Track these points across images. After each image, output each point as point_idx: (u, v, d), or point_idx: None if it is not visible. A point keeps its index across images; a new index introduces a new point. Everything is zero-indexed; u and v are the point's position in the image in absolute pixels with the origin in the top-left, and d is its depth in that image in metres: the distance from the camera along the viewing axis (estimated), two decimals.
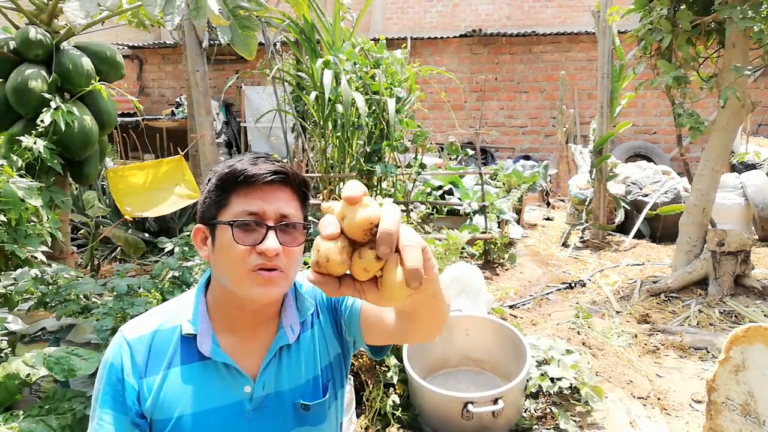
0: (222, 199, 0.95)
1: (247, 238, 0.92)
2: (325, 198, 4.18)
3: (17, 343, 1.98)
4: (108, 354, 1.00)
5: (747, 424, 1.55)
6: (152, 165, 3.48)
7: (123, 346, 0.99)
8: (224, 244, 0.94)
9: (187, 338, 0.98)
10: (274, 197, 0.94)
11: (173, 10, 1.62)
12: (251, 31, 1.77)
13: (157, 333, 0.99)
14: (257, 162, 0.95)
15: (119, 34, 10.48)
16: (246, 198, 0.93)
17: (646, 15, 3.48)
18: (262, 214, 0.93)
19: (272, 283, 0.93)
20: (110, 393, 0.97)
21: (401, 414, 2.10)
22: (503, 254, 4.49)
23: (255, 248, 0.92)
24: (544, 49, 9.40)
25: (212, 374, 0.98)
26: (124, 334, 1.00)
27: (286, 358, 1.04)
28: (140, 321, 1.02)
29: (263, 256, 0.92)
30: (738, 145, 6.49)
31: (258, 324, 1.02)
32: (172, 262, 2.23)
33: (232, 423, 0.98)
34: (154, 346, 0.98)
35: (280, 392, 1.02)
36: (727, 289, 3.34)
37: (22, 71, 2.70)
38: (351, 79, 3.87)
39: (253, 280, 0.93)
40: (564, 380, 2.19)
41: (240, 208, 0.93)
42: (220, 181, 0.95)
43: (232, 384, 0.98)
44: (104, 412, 0.97)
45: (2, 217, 2.18)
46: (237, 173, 0.93)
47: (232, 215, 0.93)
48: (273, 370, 1.02)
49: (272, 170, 0.93)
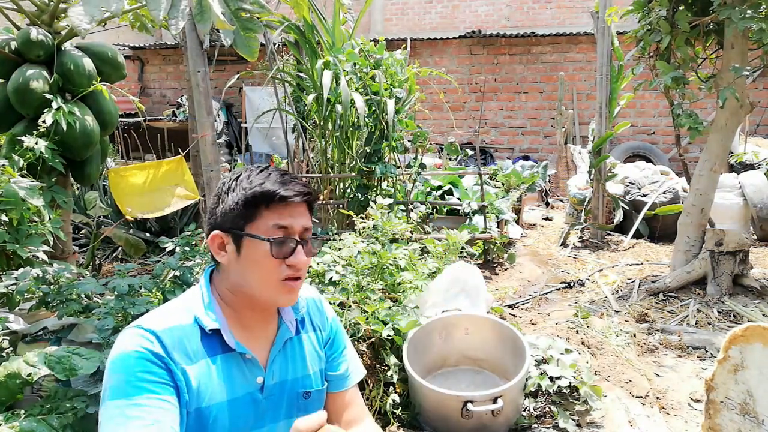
0: (251, 214, 1.04)
1: (280, 252, 1.03)
2: (324, 198, 4.19)
3: (18, 342, 1.99)
4: (126, 345, 0.96)
5: (746, 423, 1.56)
6: (153, 165, 3.49)
7: (147, 336, 0.97)
8: (256, 256, 1.03)
9: (209, 332, 1.04)
10: (299, 212, 1.07)
11: (177, 14, 1.63)
12: (253, 32, 1.78)
13: (177, 327, 1.01)
14: (286, 182, 1.06)
15: (120, 34, 10.49)
16: (277, 214, 1.04)
17: (645, 16, 3.49)
18: (291, 229, 1.05)
19: (296, 290, 1.07)
20: (142, 378, 0.93)
21: (401, 413, 2.11)
22: (502, 254, 4.50)
23: (285, 261, 1.03)
24: (543, 50, 9.41)
25: (233, 366, 1.05)
26: (145, 326, 0.99)
27: (290, 350, 1.15)
28: (157, 316, 1.03)
29: (293, 268, 1.04)
30: (736, 145, 6.50)
31: (263, 320, 1.12)
32: (173, 262, 2.24)
33: (246, 411, 1.05)
34: (178, 338, 1.00)
35: (285, 381, 1.11)
36: (726, 288, 3.35)
37: (23, 72, 2.71)
38: (351, 80, 3.88)
39: (282, 289, 1.05)
40: (563, 379, 2.20)
41: (271, 223, 1.03)
42: (251, 198, 1.04)
43: (249, 375, 1.06)
44: (140, 398, 0.91)
45: (4, 216, 2.19)
46: (271, 194, 1.03)
47: (263, 229, 1.03)
48: (280, 361, 1.12)
49: (302, 192, 1.05)
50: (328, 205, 4.21)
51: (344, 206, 3.96)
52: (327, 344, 1.22)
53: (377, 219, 2.92)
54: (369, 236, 2.86)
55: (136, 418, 0.89)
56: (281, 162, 6.90)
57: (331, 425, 0.92)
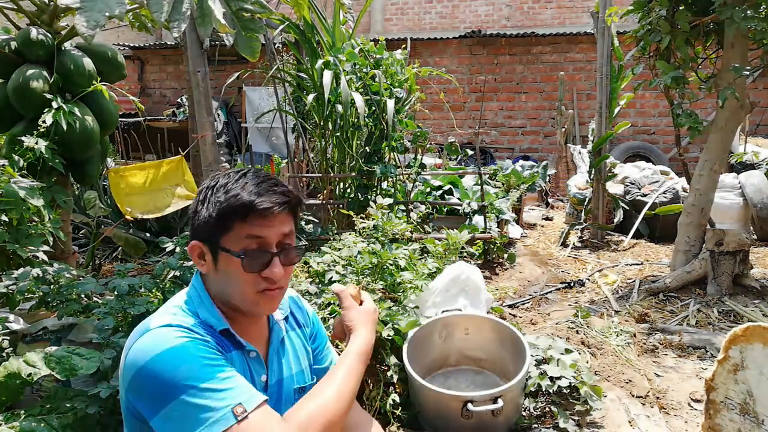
0: (225, 226, 0.99)
1: (254, 266, 0.99)
2: (324, 198, 4.20)
3: (19, 342, 1.99)
4: (170, 341, 0.92)
5: (746, 423, 1.56)
6: (153, 165, 3.49)
7: (183, 331, 0.95)
8: (231, 269, 0.99)
9: (220, 333, 1.03)
10: (277, 221, 1.00)
11: (179, 17, 1.63)
12: (254, 33, 1.78)
13: (199, 325, 1.00)
14: (262, 192, 0.98)
15: (120, 34, 10.50)
16: (250, 225, 0.98)
17: (645, 16, 3.49)
18: (266, 241, 0.99)
19: (275, 300, 1.04)
20: (212, 359, 0.91)
21: (401, 413, 2.11)
22: (502, 254, 4.50)
23: (261, 273, 0.99)
24: (543, 50, 9.41)
25: (242, 364, 1.05)
26: (177, 323, 0.96)
27: (283, 348, 1.16)
28: (177, 319, 0.99)
29: (269, 280, 1.00)
30: (736, 145, 6.50)
31: (254, 322, 1.12)
32: (173, 262, 2.24)
33: None
34: (208, 335, 0.99)
35: (282, 379, 1.12)
36: (726, 288, 3.35)
37: (23, 72, 2.71)
38: (351, 80, 3.88)
39: (260, 300, 1.02)
40: (563, 379, 2.20)
41: (244, 234, 0.98)
42: (225, 211, 0.98)
43: (254, 373, 1.07)
44: (221, 374, 0.89)
45: (4, 216, 2.19)
46: (246, 206, 0.97)
47: (236, 241, 0.98)
48: (276, 359, 1.12)
49: (279, 202, 0.99)
50: (328, 205, 4.21)
51: (344, 206, 3.96)
52: (311, 339, 1.25)
53: (377, 219, 2.92)
54: (369, 236, 2.86)
55: (230, 390, 0.88)
56: (281, 162, 6.90)
57: None
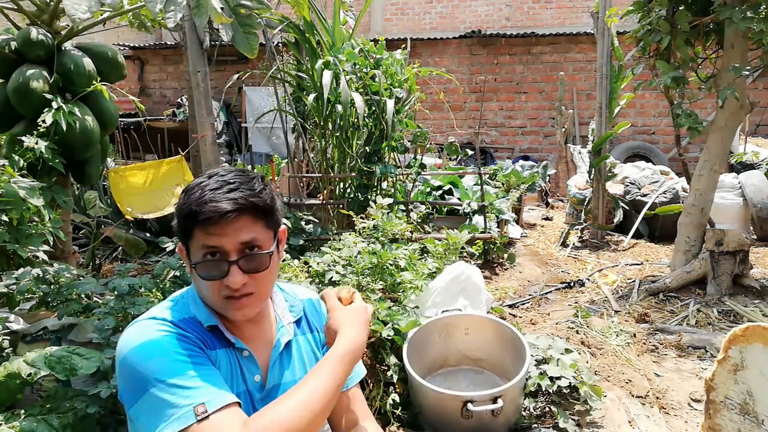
0: (186, 231, 0.97)
1: (211, 274, 0.96)
2: (324, 198, 4.20)
3: (19, 342, 1.99)
4: (150, 333, 0.93)
5: (746, 423, 1.56)
6: (153, 165, 3.49)
7: (166, 324, 0.96)
8: (195, 275, 0.99)
9: (209, 329, 1.02)
10: (233, 228, 0.94)
11: (174, 7, 1.62)
12: (252, 29, 1.77)
13: (185, 320, 1.01)
14: (215, 195, 0.93)
15: (120, 34, 10.50)
16: (205, 234, 0.94)
17: (645, 16, 3.49)
18: (222, 249, 0.95)
19: (245, 306, 1.00)
20: (186, 354, 0.91)
21: (401, 413, 2.11)
22: (502, 254, 4.50)
23: (222, 281, 0.96)
24: (543, 50, 9.41)
25: (232, 362, 1.03)
26: (159, 316, 0.98)
27: (288, 353, 1.13)
28: (165, 313, 1.01)
29: (228, 288, 0.97)
30: (736, 145, 6.50)
31: (252, 323, 1.09)
32: (174, 262, 2.24)
33: (243, 409, 1.02)
34: (191, 329, 1.00)
35: (284, 384, 1.09)
36: (726, 288, 3.35)
37: (23, 72, 2.70)
38: (351, 80, 3.88)
39: (228, 306, 0.99)
40: (563, 379, 2.20)
41: (201, 243, 0.96)
42: (180, 216, 0.97)
43: (246, 372, 1.05)
44: (192, 371, 0.89)
45: (4, 216, 2.19)
46: (192, 213, 0.94)
47: (196, 249, 0.97)
48: (279, 363, 1.10)
49: (224, 211, 0.92)
50: (328, 205, 4.21)
51: (344, 206, 3.96)
52: (324, 345, 1.21)
53: (377, 219, 2.92)
54: (369, 236, 2.86)
55: (198, 388, 0.87)
56: (281, 162, 6.90)
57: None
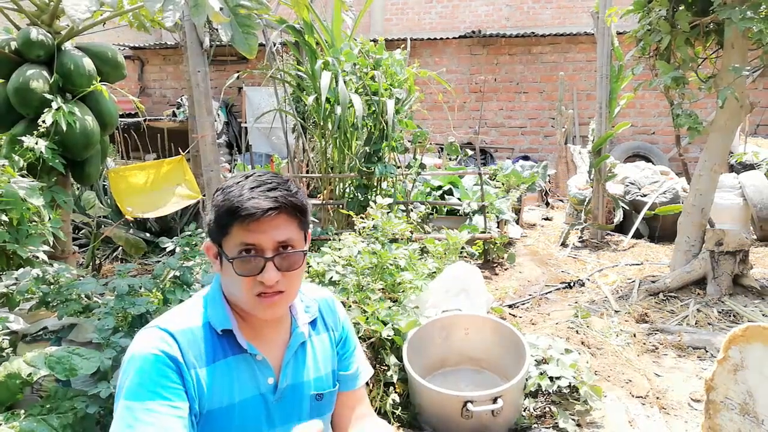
0: (223, 228, 1.01)
1: (247, 270, 0.99)
2: (324, 198, 4.20)
3: (19, 342, 1.99)
4: (143, 345, 0.97)
5: (745, 423, 1.56)
6: (153, 165, 3.49)
7: (165, 338, 0.98)
8: (230, 271, 1.01)
9: (222, 334, 1.04)
10: (271, 226, 0.99)
11: (172, 7, 1.62)
12: (252, 29, 1.77)
13: (193, 329, 1.02)
14: (254, 193, 0.98)
15: (120, 34, 10.48)
16: (244, 230, 0.99)
17: (645, 16, 3.49)
18: (259, 246, 0.99)
19: (276, 305, 1.03)
20: (157, 383, 0.94)
21: (401, 413, 2.11)
22: (502, 254, 4.50)
23: (256, 278, 0.99)
24: (543, 50, 9.42)
25: (244, 367, 1.05)
26: (161, 326, 1.00)
27: (303, 353, 1.14)
28: (172, 318, 1.03)
29: (263, 285, 1.00)
30: (736, 145, 6.50)
31: (270, 324, 1.10)
32: (174, 262, 2.24)
33: (257, 413, 1.05)
34: (193, 340, 1.01)
35: (298, 384, 1.11)
36: (726, 288, 3.35)
37: (23, 72, 2.70)
38: (350, 81, 3.88)
39: (259, 303, 1.02)
40: (563, 379, 2.20)
41: (239, 240, 0.99)
42: (220, 215, 1.00)
43: (259, 376, 1.06)
44: (152, 403, 0.92)
45: (4, 216, 2.19)
46: (233, 210, 0.98)
47: (233, 245, 1.00)
48: (293, 364, 1.11)
49: (268, 207, 0.97)
50: (328, 205, 4.21)
51: (344, 206, 3.96)
52: (339, 344, 1.22)
53: (377, 219, 2.92)
54: (369, 236, 2.86)
55: (147, 424, 0.91)
56: (281, 162, 6.90)
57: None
